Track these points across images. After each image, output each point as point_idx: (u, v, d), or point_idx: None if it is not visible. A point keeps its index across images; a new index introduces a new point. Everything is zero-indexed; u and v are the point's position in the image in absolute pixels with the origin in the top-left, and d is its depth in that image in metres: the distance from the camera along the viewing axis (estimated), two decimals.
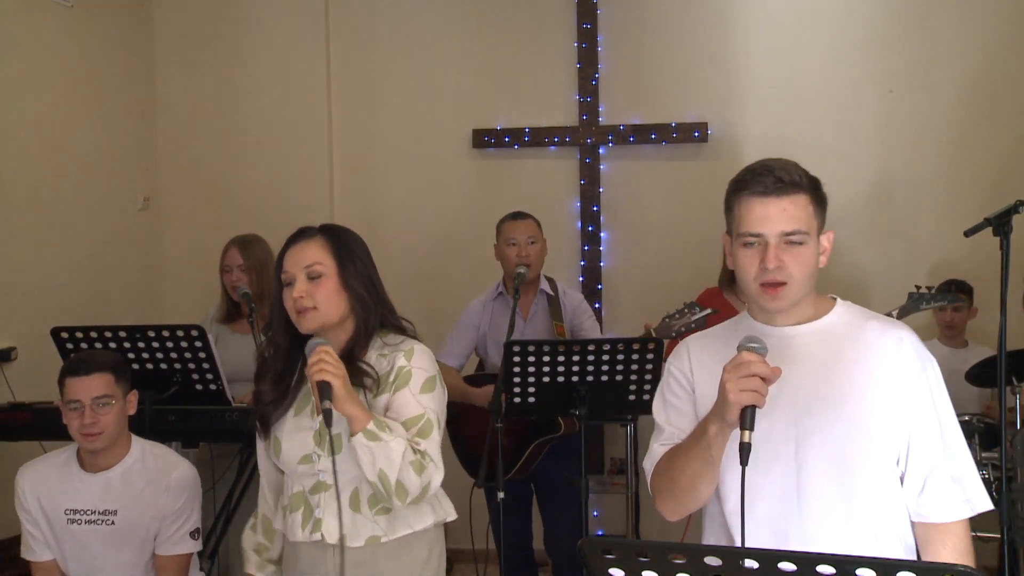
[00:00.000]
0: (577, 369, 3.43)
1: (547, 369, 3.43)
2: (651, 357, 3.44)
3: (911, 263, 4.98)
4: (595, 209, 5.35)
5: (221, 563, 3.89)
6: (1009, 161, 5.00)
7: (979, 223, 3.25)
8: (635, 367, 3.44)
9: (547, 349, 3.41)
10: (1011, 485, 3.66)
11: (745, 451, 1.76)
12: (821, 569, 1.28)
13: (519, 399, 3.49)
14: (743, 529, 1.80)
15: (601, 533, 5.20)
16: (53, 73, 4.84)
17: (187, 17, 5.62)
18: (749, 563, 1.31)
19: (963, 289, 4.63)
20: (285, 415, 2.40)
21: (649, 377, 3.47)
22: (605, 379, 3.45)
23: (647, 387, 3.49)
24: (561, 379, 3.44)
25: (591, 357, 3.41)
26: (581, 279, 5.35)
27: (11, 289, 4.52)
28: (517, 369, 3.43)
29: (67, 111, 4.94)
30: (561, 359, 3.41)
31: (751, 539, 1.89)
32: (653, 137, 5.27)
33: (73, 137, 4.96)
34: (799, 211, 1.90)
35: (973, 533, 1.97)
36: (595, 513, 5.22)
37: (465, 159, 5.49)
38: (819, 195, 1.96)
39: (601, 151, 5.37)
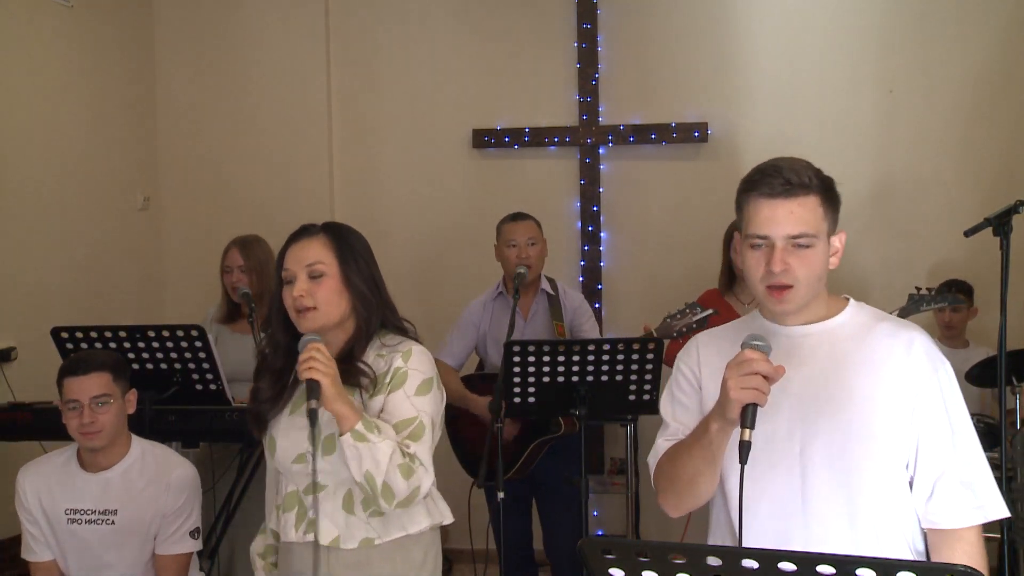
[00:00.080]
0: (577, 369, 3.43)
1: (547, 369, 3.43)
2: (651, 357, 3.44)
3: (911, 263, 4.98)
4: (595, 209, 5.35)
5: (221, 563, 3.89)
6: (1009, 161, 5.00)
7: (979, 223, 3.25)
8: (635, 367, 3.44)
9: (547, 349, 3.41)
10: (1011, 485, 3.66)
11: (744, 449, 1.75)
12: (821, 569, 1.28)
13: (519, 399, 3.49)
14: (740, 528, 1.80)
15: (601, 533, 5.20)
16: (53, 73, 4.83)
17: (187, 17, 5.62)
18: (749, 563, 1.31)
19: (963, 289, 4.63)
20: (281, 413, 2.38)
21: (649, 377, 3.47)
22: (605, 379, 3.45)
23: (647, 387, 3.49)
24: (561, 379, 3.44)
25: (591, 357, 3.41)
26: (581, 279, 5.35)
27: (11, 289, 4.52)
28: (517, 369, 3.43)
29: (67, 111, 4.93)
30: (561, 359, 3.41)
31: (755, 540, 1.88)
32: (653, 137, 5.27)
33: (73, 137, 4.96)
34: (807, 213, 1.88)
35: None
36: (595, 513, 5.22)
37: (465, 159, 5.49)
38: (830, 196, 1.93)
39: (601, 151, 5.37)
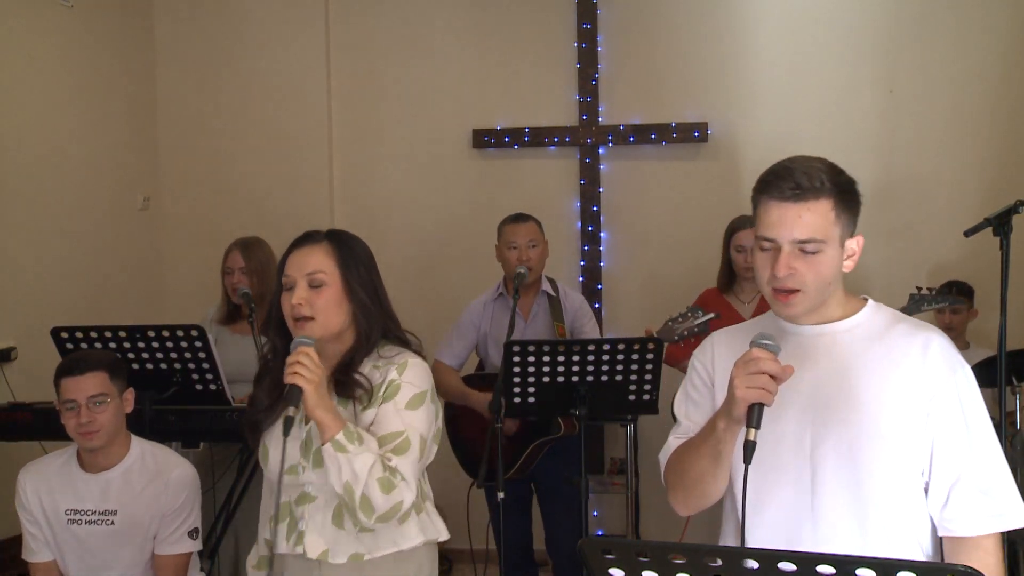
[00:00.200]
0: (577, 369, 3.43)
1: (547, 369, 3.43)
2: (651, 357, 3.43)
3: (911, 263, 4.98)
4: (595, 209, 5.35)
5: (226, 564, 3.89)
6: (1009, 161, 5.00)
7: (979, 223, 3.25)
8: (635, 367, 3.44)
9: (547, 349, 3.41)
10: None
11: (749, 449, 1.73)
12: (821, 569, 1.28)
13: (519, 399, 3.49)
14: (743, 528, 1.79)
15: (601, 533, 5.20)
16: (53, 73, 4.83)
17: (187, 17, 5.62)
18: (749, 563, 1.31)
19: (963, 291, 4.62)
20: (276, 423, 2.30)
21: (649, 377, 3.47)
22: (605, 379, 3.44)
23: (647, 387, 3.49)
24: (561, 379, 3.44)
25: (591, 357, 3.41)
26: (581, 279, 5.35)
27: (11, 289, 4.51)
28: (517, 369, 3.43)
29: (67, 111, 4.93)
30: (561, 359, 3.41)
31: (763, 541, 1.86)
32: (653, 137, 5.27)
33: (73, 137, 4.96)
34: (817, 218, 1.83)
35: None
36: (595, 513, 5.21)
37: (465, 159, 5.49)
38: (846, 199, 1.87)
39: (601, 151, 5.36)
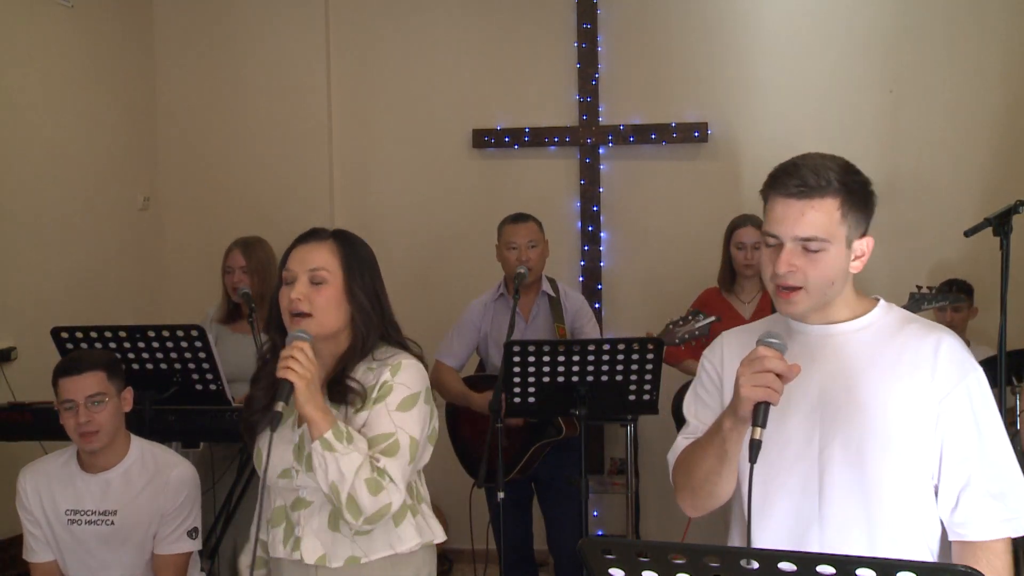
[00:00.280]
0: (577, 369, 3.43)
1: (547, 369, 3.43)
2: (651, 357, 3.43)
3: (911, 263, 4.98)
4: (595, 209, 5.35)
5: (225, 564, 3.89)
6: (1009, 161, 5.00)
7: (979, 223, 3.25)
8: (635, 367, 3.44)
9: (547, 349, 3.41)
10: None
11: (755, 448, 1.72)
12: (821, 569, 1.28)
13: (519, 399, 3.49)
14: (749, 528, 1.77)
15: (601, 533, 5.20)
16: (53, 73, 4.83)
17: (187, 17, 5.62)
18: (748, 563, 1.31)
19: (963, 289, 4.62)
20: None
21: (649, 377, 3.47)
22: (605, 379, 3.44)
23: (647, 387, 3.49)
24: (561, 379, 3.44)
25: (591, 357, 3.41)
26: (581, 279, 5.35)
27: (11, 289, 4.52)
28: (517, 369, 3.43)
29: (67, 111, 4.93)
30: (561, 359, 3.41)
31: (770, 542, 1.85)
32: (653, 137, 5.27)
33: (73, 137, 4.96)
34: (821, 216, 1.81)
35: None
36: (595, 513, 5.21)
37: (465, 159, 5.49)
38: (856, 199, 1.84)
39: (601, 151, 5.36)
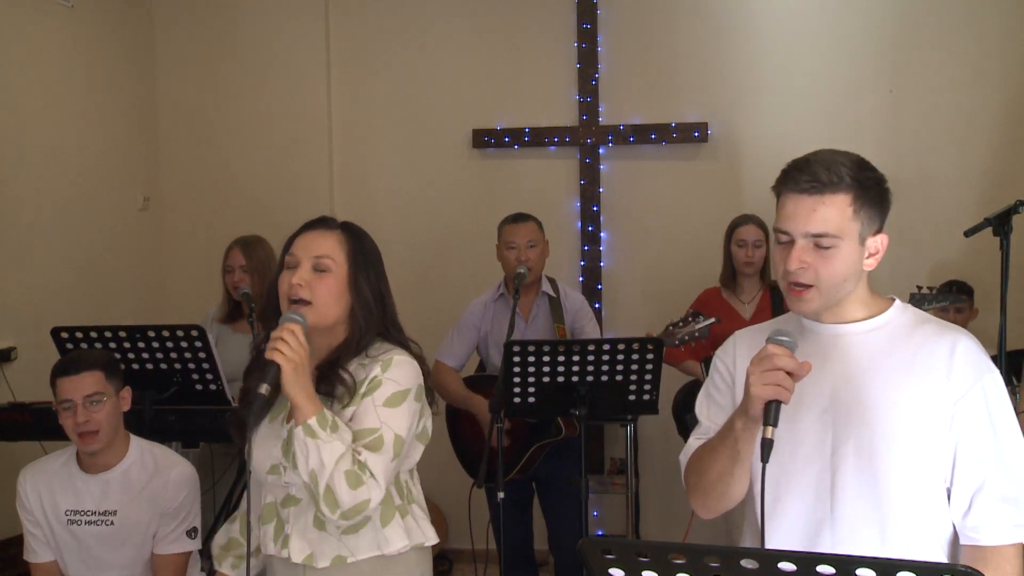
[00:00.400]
0: (577, 369, 3.43)
1: (547, 369, 3.43)
2: (651, 357, 3.43)
3: (911, 263, 4.97)
4: (595, 209, 5.35)
5: None
6: (1009, 161, 5.00)
7: (979, 223, 3.26)
8: (635, 367, 3.44)
9: (547, 349, 3.41)
10: None
11: (766, 447, 1.70)
12: (821, 569, 1.28)
13: (519, 399, 3.49)
14: (763, 528, 1.76)
15: (601, 533, 5.20)
16: (53, 73, 4.83)
17: (187, 17, 5.62)
18: (748, 563, 1.31)
19: (964, 289, 4.62)
20: (263, 420, 2.21)
21: (649, 377, 3.47)
22: (605, 379, 3.44)
23: (647, 387, 3.49)
24: (561, 379, 3.44)
25: (591, 357, 3.41)
26: (581, 279, 5.35)
27: (11, 289, 4.51)
28: (517, 369, 3.43)
29: (67, 111, 4.93)
30: (561, 359, 3.41)
31: (782, 542, 1.84)
32: (653, 137, 5.27)
33: (73, 137, 4.96)
34: (833, 213, 1.79)
35: None
36: (595, 513, 5.21)
37: (465, 159, 5.49)
38: (869, 195, 1.83)
39: (601, 151, 5.36)
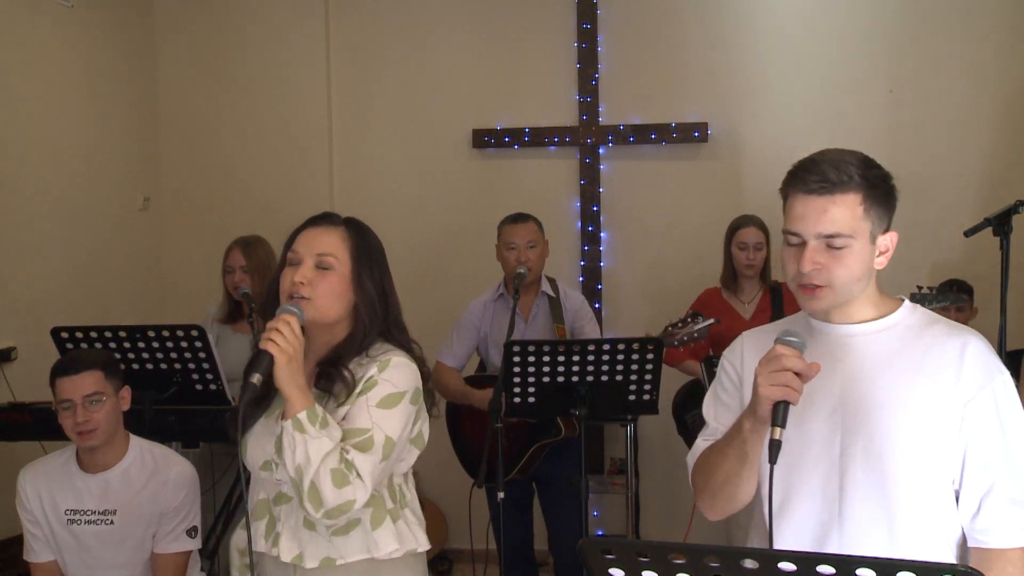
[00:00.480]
0: (577, 369, 3.43)
1: (547, 369, 3.43)
2: (651, 357, 3.43)
3: (911, 263, 4.97)
4: (595, 209, 5.35)
5: (221, 563, 3.88)
6: (1009, 161, 5.00)
7: (979, 223, 3.26)
8: (635, 367, 3.44)
9: (547, 349, 3.41)
10: None
11: (774, 448, 1.69)
12: (821, 569, 1.28)
13: (519, 399, 3.49)
14: (771, 529, 1.75)
15: (601, 533, 5.20)
16: (53, 73, 4.83)
17: (187, 17, 5.62)
18: (748, 563, 1.31)
19: (963, 289, 4.61)
20: (260, 418, 2.19)
21: (649, 377, 3.47)
22: (605, 379, 3.44)
23: (647, 387, 3.49)
24: (561, 379, 3.44)
25: (591, 357, 3.41)
26: (581, 279, 5.35)
27: (11, 289, 4.51)
28: (517, 369, 3.43)
29: (67, 111, 4.93)
30: (561, 359, 3.41)
31: (789, 545, 1.83)
32: (653, 137, 5.27)
33: (73, 137, 4.96)
34: (843, 212, 1.78)
35: None
36: (595, 513, 5.21)
37: (465, 159, 5.49)
38: (877, 194, 1.83)
39: (601, 151, 5.36)
